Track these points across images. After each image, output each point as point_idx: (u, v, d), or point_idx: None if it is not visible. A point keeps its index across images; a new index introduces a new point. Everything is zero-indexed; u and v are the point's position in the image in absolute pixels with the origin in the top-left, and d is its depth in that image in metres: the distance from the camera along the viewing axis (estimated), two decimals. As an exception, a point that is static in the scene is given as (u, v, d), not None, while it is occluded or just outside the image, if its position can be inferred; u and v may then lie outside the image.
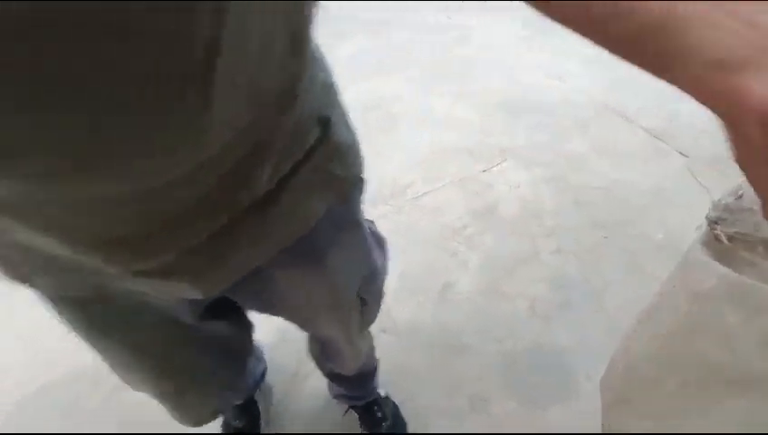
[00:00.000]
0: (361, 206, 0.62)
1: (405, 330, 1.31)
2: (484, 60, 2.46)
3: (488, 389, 1.18)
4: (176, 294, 0.51)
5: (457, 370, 1.22)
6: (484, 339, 1.27)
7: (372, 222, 0.70)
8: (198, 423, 0.77)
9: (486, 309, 1.34)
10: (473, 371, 1.21)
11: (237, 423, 1.06)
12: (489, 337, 1.28)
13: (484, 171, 1.79)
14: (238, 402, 1.04)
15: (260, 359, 1.08)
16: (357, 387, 1.05)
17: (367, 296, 0.70)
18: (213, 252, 0.45)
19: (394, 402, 1.14)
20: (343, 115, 0.53)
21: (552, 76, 2.30)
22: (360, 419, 1.11)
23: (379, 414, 1.08)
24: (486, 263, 1.46)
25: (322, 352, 0.90)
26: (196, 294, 0.49)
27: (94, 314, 0.54)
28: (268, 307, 0.67)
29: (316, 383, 1.16)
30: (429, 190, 1.72)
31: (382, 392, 1.13)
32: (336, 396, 1.11)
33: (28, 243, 0.40)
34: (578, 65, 2.32)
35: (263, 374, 1.09)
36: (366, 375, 1.02)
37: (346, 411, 1.11)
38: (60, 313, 0.54)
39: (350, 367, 0.90)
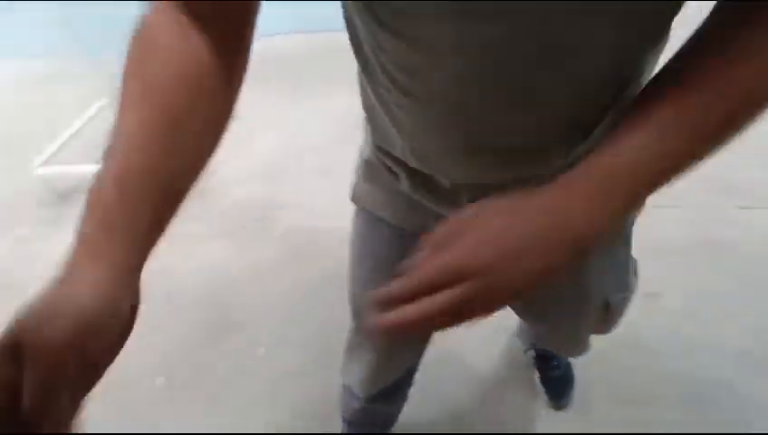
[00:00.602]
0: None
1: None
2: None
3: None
4: None
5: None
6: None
7: None
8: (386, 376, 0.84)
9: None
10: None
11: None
12: None
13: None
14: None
15: None
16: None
17: (613, 306, 0.73)
18: None
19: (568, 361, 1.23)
20: None
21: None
22: (535, 360, 1.23)
23: (555, 363, 1.19)
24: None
25: (541, 337, 0.98)
26: None
27: (395, 239, 0.65)
28: None
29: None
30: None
31: None
32: (524, 341, 1.23)
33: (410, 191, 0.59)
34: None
35: None
36: None
37: (526, 350, 1.25)
38: (362, 225, 0.70)
39: (562, 355, 1.02)
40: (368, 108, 0.56)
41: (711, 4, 0.36)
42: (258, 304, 1.51)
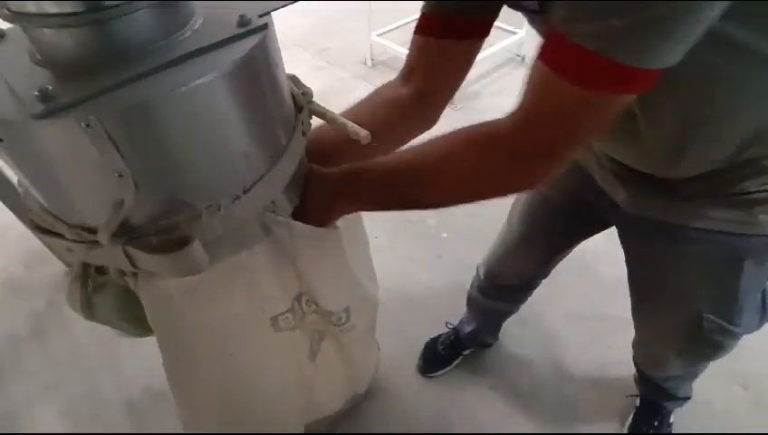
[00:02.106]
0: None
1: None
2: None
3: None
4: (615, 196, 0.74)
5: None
6: None
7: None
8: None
9: None
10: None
11: None
12: None
13: None
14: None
15: None
16: None
17: (705, 330, 0.75)
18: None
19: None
20: None
21: None
22: (636, 410, 1.22)
23: (655, 423, 1.18)
24: None
25: (636, 341, 1.00)
26: (626, 202, 0.72)
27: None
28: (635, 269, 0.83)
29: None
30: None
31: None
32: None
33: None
34: None
35: None
36: None
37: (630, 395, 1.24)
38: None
39: (646, 370, 1.05)
40: None
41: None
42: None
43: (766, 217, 0.60)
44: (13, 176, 1.43)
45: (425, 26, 0.62)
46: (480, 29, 0.62)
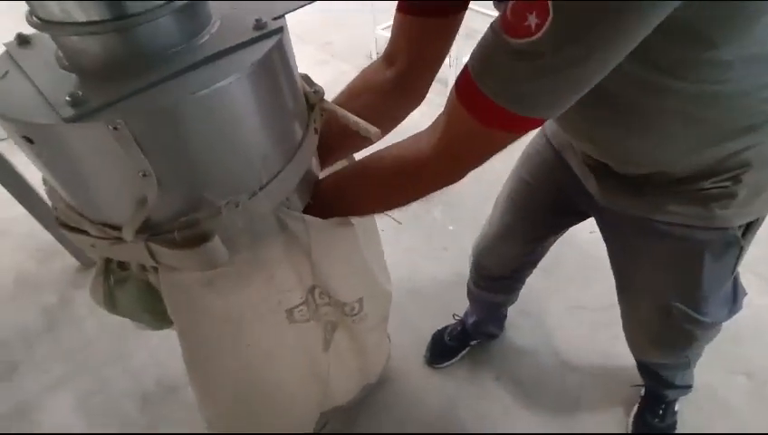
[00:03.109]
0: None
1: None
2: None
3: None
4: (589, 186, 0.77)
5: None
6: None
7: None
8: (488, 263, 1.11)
9: None
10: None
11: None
12: None
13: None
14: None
15: None
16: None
17: (675, 316, 0.79)
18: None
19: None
20: None
21: None
22: (641, 399, 1.25)
23: (660, 411, 1.20)
24: None
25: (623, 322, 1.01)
26: (598, 195, 0.75)
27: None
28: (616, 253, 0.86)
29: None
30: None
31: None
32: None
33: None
34: None
35: None
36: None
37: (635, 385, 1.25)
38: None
39: (634, 352, 1.05)
40: None
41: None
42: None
43: (722, 211, 0.63)
44: (28, 174, 1.46)
45: (403, 6, 0.64)
46: (455, 5, 0.63)
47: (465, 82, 0.46)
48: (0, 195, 1.47)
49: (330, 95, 0.72)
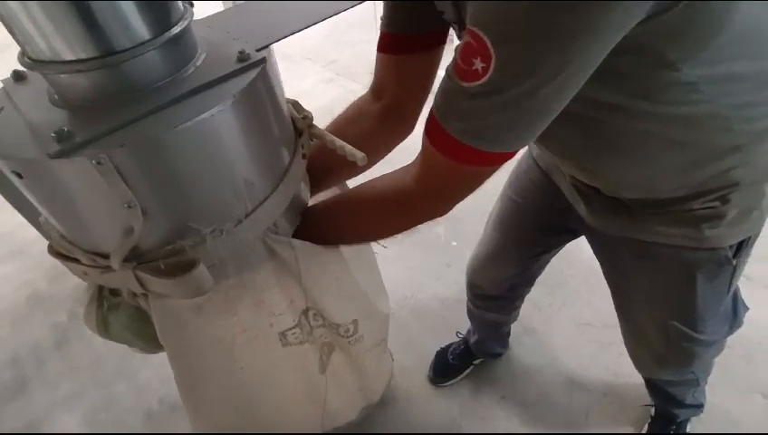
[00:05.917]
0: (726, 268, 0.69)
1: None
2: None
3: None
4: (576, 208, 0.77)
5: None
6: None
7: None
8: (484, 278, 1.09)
9: None
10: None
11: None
12: None
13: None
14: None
15: None
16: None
17: (672, 336, 0.78)
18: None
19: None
20: None
21: None
22: (651, 419, 1.22)
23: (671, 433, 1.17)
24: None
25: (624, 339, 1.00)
26: (587, 217, 0.74)
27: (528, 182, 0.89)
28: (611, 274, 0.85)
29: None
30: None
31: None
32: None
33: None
34: None
35: None
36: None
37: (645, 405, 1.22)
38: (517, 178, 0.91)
39: (638, 368, 1.01)
40: None
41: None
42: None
43: (711, 231, 0.62)
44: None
45: (383, 44, 0.66)
46: (432, 41, 0.64)
47: (432, 123, 0.47)
48: (18, 218, 1.51)
49: (334, 113, 0.73)
